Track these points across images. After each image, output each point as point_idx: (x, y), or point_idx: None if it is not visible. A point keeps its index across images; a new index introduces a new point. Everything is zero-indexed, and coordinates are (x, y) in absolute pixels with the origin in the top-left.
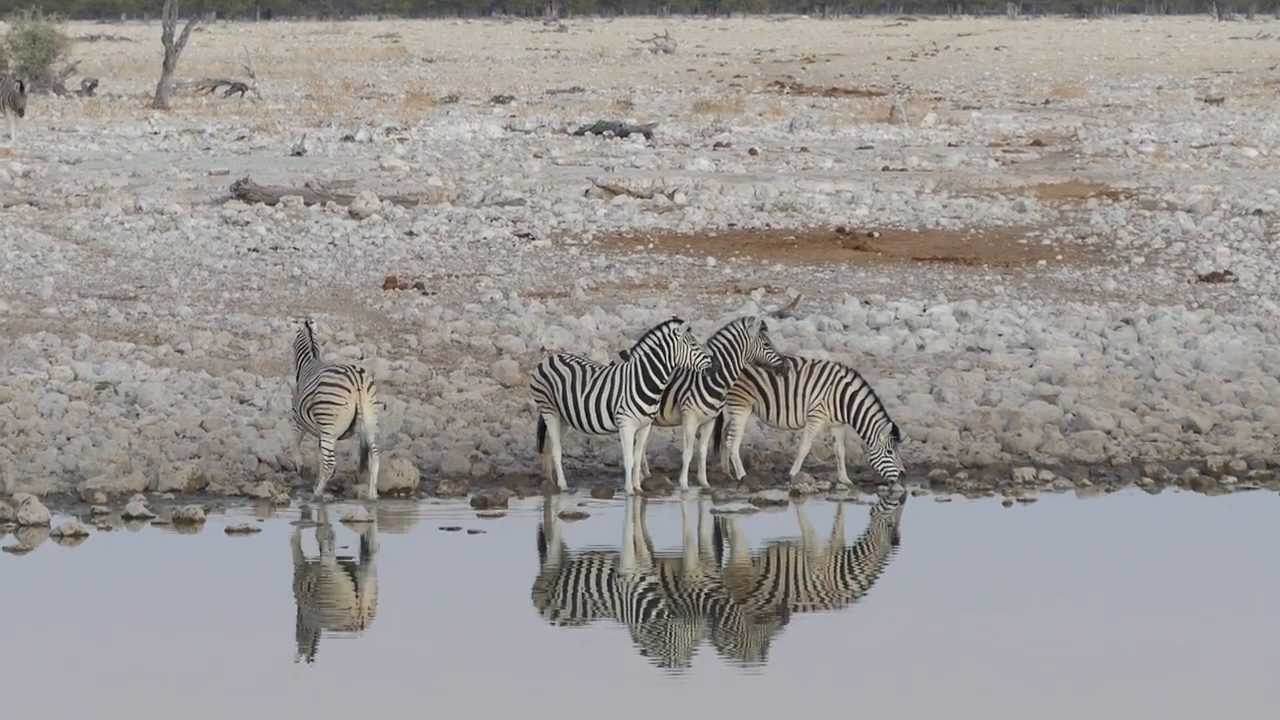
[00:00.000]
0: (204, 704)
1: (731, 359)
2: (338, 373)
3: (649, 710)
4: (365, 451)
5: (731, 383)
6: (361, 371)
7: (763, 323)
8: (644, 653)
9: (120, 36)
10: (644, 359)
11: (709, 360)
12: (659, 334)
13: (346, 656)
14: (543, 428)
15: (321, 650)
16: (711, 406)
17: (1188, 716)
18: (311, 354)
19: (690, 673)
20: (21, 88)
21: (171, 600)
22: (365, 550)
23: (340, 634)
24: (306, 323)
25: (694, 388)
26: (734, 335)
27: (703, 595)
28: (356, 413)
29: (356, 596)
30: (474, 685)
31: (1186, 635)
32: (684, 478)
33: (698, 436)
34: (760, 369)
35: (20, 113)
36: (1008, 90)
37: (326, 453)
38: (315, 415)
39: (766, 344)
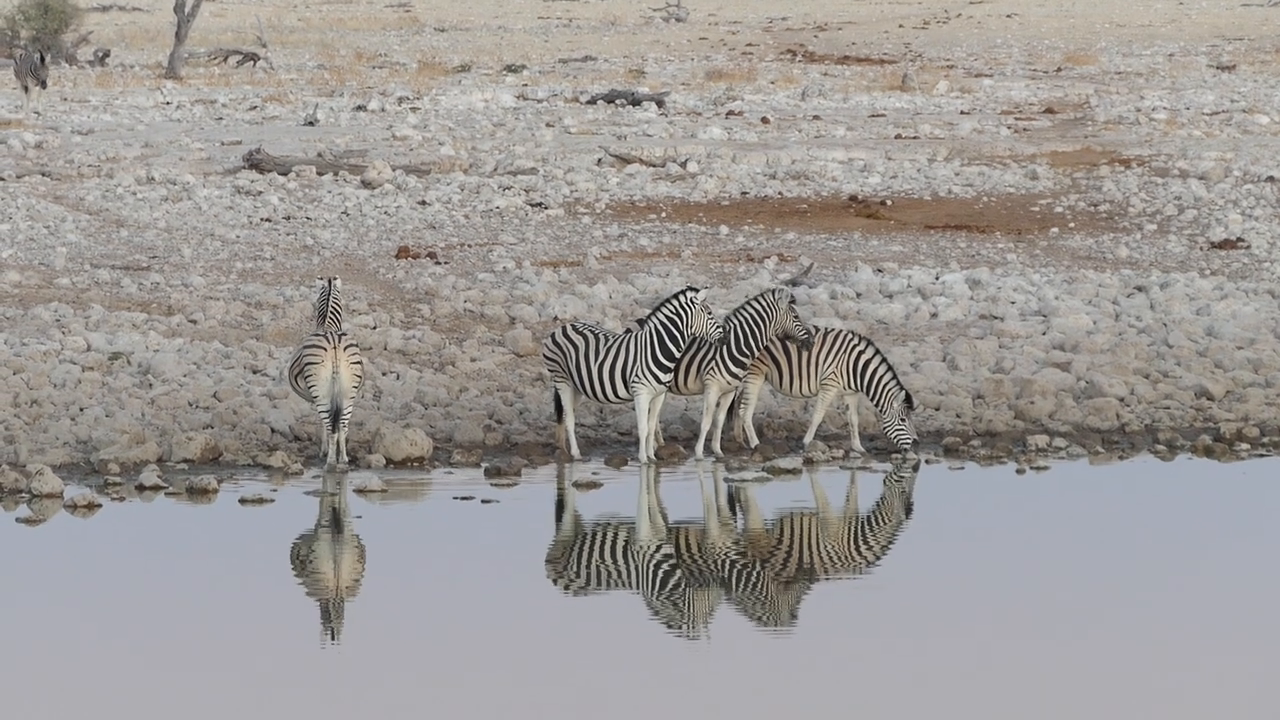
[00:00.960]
0: (218, 675)
1: (759, 330)
2: (317, 335)
3: (664, 678)
4: (335, 414)
5: (757, 353)
6: (342, 334)
7: (791, 295)
8: (659, 621)
9: (132, 6)
10: (660, 327)
11: (721, 330)
12: (676, 302)
13: (359, 627)
14: (560, 397)
15: (335, 621)
16: (736, 376)
17: (1199, 678)
18: (321, 318)
19: (706, 641)
20: (42, 59)
21: (185, 571)
22: (378, 521)
23: (353, 604)
24: (330, 280)
25: (719, 357)
26: (763, 306)
27: (717, 564)
28: (333, 372)
29: (369, 567)
30: (488, 654)
31: (1199, 601)
32: (700, 447)
33: (717, 406)
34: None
35: (43, 84)
36: (1019, 58)
37: (325, 416)
38: (302, 381)
39: (796, 317)
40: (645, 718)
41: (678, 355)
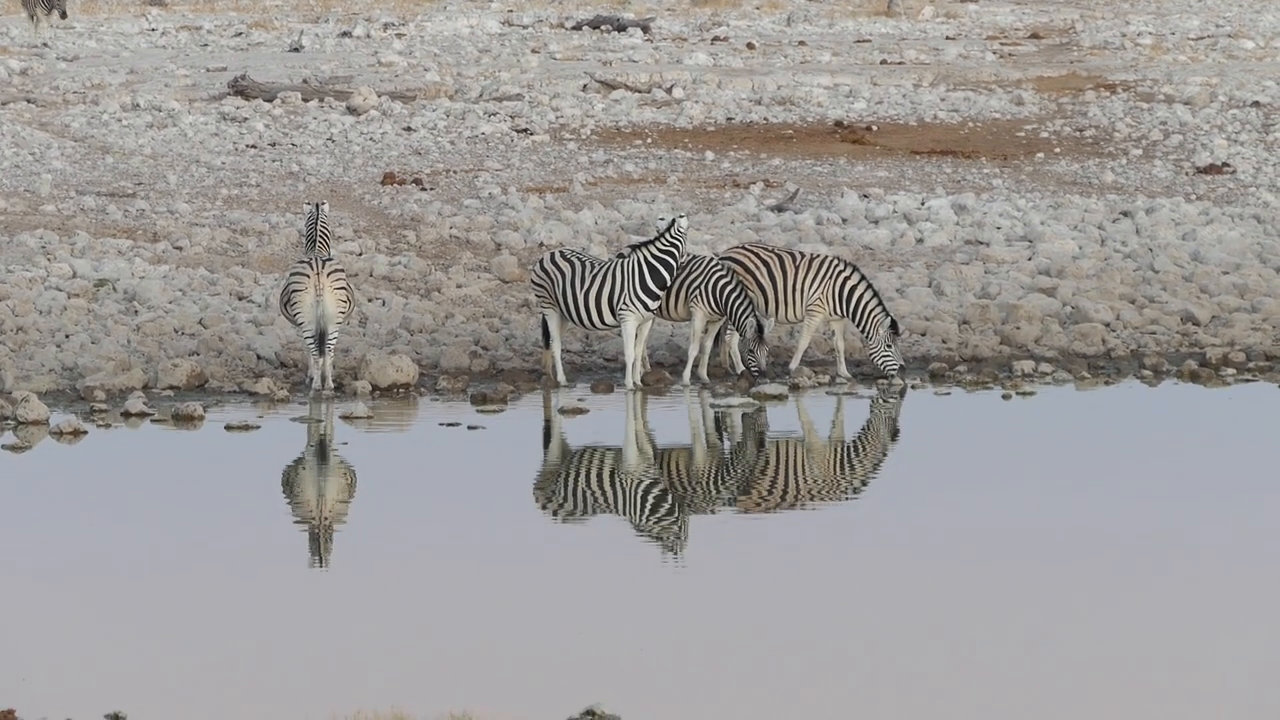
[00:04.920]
0: (205, 602)
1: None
2: (302, 262)
3: (651, 603)
4: (320, 339)
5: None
6: (326, 260)
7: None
8: (646, 546)
9: None
10: (652, 256)
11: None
12: (671, 232)
13: (346, 554)
14: (546, 323)
15: (322, 548)
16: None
17: (1180, 600)
18: (310, 243)
19: (690, 564)
20: None
21: (171, 498)
22: (364, 447)
23: (340, 531)
24: (317, 204)
25: (705, 286)
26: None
27: (704, 489)
28: (316, 297)
29: (356, 492)
30: (474, 580)
31: (1183, 524)
32: (687, 373)
33: (704, 332)
34: (760, 262)
35: (63, 14)
36: None
37: (310, 342)
38: (289, 308)
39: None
40: (631, 641)
41: (667, 283)
